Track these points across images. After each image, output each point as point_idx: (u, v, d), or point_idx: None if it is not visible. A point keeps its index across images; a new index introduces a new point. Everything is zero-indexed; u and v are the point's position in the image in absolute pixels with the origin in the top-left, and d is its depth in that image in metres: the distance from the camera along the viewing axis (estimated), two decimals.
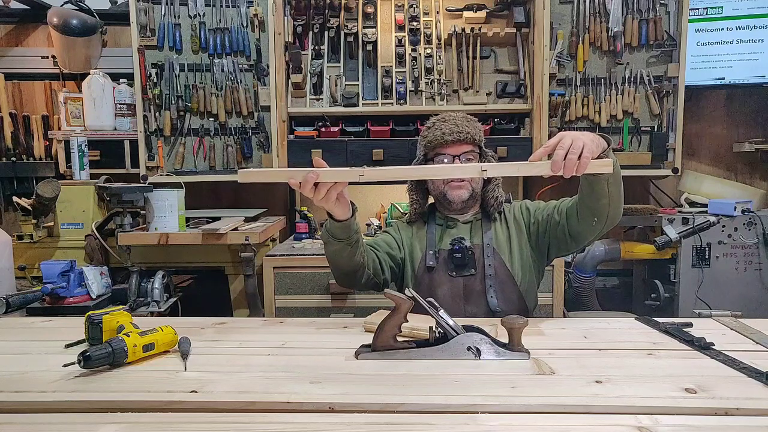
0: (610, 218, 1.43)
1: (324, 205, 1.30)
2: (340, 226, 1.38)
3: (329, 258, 1.49)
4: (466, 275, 1.57)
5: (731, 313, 1.45)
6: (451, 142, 1.58)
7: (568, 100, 2.76)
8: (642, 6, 2.71)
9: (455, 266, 1.57)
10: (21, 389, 0.97)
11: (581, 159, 1.16)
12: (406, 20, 2.89)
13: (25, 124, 3.03)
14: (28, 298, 2.06)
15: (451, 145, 1.59)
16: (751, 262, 2.69)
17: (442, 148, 1.60)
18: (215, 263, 2.58)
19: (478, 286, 1.56)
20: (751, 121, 3.15)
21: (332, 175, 1.23)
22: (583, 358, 1.09)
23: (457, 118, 1.62)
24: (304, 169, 1.22)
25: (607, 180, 1.35)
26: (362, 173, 1.20)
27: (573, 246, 1.57)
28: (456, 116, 1.64)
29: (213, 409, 0.90)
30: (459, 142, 1.58)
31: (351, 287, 1.77)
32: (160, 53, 2.75)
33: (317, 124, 2.79)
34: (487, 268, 1.57)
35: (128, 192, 2.44)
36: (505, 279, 1.57)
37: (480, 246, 1.60)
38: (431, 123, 1.65)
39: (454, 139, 1.58)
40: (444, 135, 1.58)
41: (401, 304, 1.09)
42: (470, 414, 0.86)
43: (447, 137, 1.58)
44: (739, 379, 0.98)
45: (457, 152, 1.59)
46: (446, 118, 1.63)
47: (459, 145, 1.59)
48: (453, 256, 1.57)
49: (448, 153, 1.60)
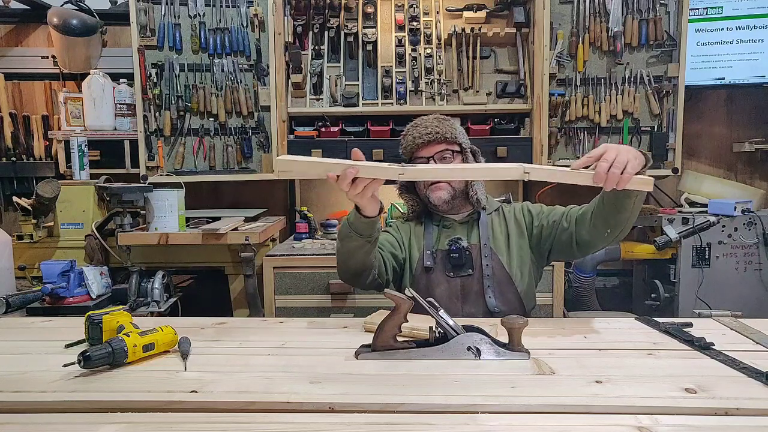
0: (624, 232, 1.43)
1: (358, 200, 1.29)
2: (366, 222, 1.36)
3: (344, 255, 1.46)
4: (464, 275, 1.57)
5: (731, 313, 1.45)
6: (423, 144, 1.60)
7: (568, 100, 2.76)
8: (642, 6, 2.71)
9: (452, 266, 1.58)
10: (21, 389, 0.97)
11: (623, 174, 1.16)
12: (406, 20, 2.89)
13: (25, 124, 3.03)
14: (28, 298, 2.06)
15: (424, 147, 1.61)
16: (751, 262, 2.69)
17: (417, 151, 1.62)
18: (215, 263, 2.58)
19: (475, 286, 1.56)
20: (751, 121, 3.15)
21: (372, 171, 1.20)
22: (583, 358, 1.09)
23: (428, 120, 1.64)
24: (343, 162, 1.18)
25: (636, 196, 1.34)
26: (402, 172, 1.18)
27: (577, 254, 1.56)
28: (427, 119, 1.66)
29: (213, 409, 0.90)
30: (431, 143, 1.60)
31: (354, 286, 1.76)
32: (160, 53, 2.75)
33: (317, 124, 2.79)
34: (484, 269, 1.57)
35: (128, 192, 2.44)
36: (503, 279, 1.57)
37: (477, 246, 1.60)
38: (405, 130, 1.68)
39: (424, 141, 1.59)
40: (415, 139, 1.61)
41: (401, 304, 1.09)
42: (470, 414, 0.86)
43: (418, 140, 1.60)
44: (739, 379, 0.98)
45: (430, 153, 1.60)
46: (418, 123, 1.66)
47: (432, 146, 1.60)
48: (450, 256, 1.57)
49: (422, 155, 1.61)
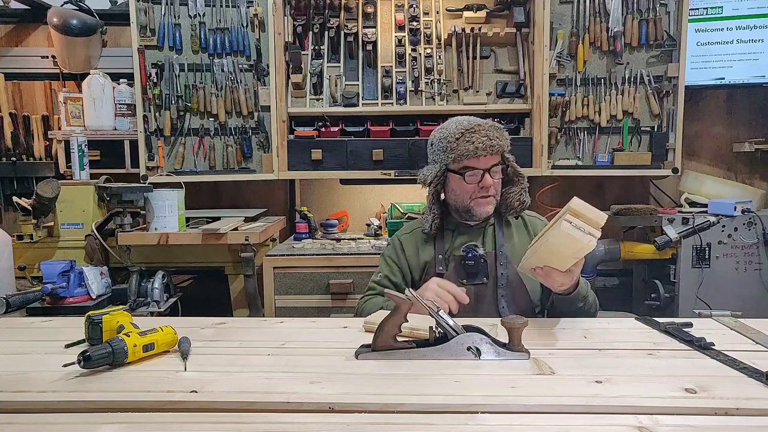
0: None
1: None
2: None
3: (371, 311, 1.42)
4: (478, 284, 1.52)
5: (731, 313, 1.44)
6: (483, 155, 1.49)
7: (568, 100, 2.76)
8: (642, 6, 2.71)
9: (467, 274, 1.52)
10: (21, 389, 0.97)
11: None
12: (406, 20, 2.89)
13: (25, 124, 3.03)
14: (28, 298, 2.05)
15: (483, 158, 1.50)
16: (751, 262, 2.68)
17: (471, 160, 1.50)
18: (215, 263, 2.58)
19: (489, 295, 1.52)
20: (751, 121, 3.14)
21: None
22: (583, 358, 1.09)
23: (487, 128, 1.51)
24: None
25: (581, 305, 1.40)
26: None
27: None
28: (485, 125, 1.52)
29: (213, 409, 0.90)
30: (490, 155, 1.50)
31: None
32: (160, 53, 2.75)
33: (317, 124, 2.79)
34: (500, 277, 1.52)
35: (128, 192, 2.44)
36: (517, 286, 1.53)
37: (493, 253, 1.55)
38: (459, 133, 1.50)
39: (486, 153, 1.48)
40: (477, 149, 1.48)
41: (401, 304, 1.09)
42: (470, 414, 0.86)
43: (480, 152, 1.48)
44: (739, 379, 0.98)
45: (487, 165, 1.50)
46: (475, 129, 1.50)
47: (489, 158, 1.51)
48: (465, 263, 1.52)
49: (478, 167, 1.50)
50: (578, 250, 1.14)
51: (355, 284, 2.41)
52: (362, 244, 2.64)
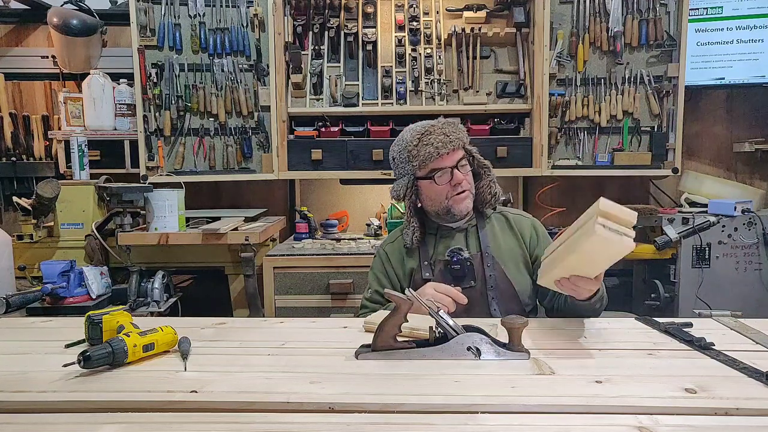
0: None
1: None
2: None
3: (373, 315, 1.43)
4: (466, 287, 1.50)
5: (731, 313, 1.44)
6: (446, 153, 1.49)
7: (568, 100, 2.76)
8: (642, 6, 2.71)
9: (453, 278, 1.51)
10: (21, 389, 0.97)
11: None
12: (406, 20, 2.89)
13: (25, 124, 3.03)
14: (28, 298, 2.06)
15: (446, 156, 1.50)
16: (751, 262, 2.69)
17: (437, 161, 1.50)
18: (215, 263, 2.58)
19: (479, 298, 1.51)
20: (751, 121, 3.14)
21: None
22: (583, 358, 1.10)
23: (442, 126, 1.52)
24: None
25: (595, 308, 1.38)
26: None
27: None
28: (438, 125, 1.53)
29: (213, 409, 0.90)
30: (452, 151, 1.50)
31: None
32: (160, 53, 2.75)
33: (317, 124, 2.79)
34: (488, 279, 1.51)
35: (128, 192, 2.44)
36: (506, 288, 1.53)
37: (478, 255, 1.54)
38: (416, 140, 1.51)
39: (448, 150, 1.49)
40: (438, 149, 1.48)
41: (401, 304, 1.09)
42: (470, 414, 0.86)
43: (442, 150, 1.48)
44: (739, 379, 0.98)
45: (453, 162, 1.51)
46: (430, 130, 1.51)
47: (453, 154, 1.51)
48: (451, 268, 1.51)
49: (445, 165, 1.50)
50: (615, 254, 1.07)
51: (355, 284, 2.41)
52: (362, 244, 2.64)
